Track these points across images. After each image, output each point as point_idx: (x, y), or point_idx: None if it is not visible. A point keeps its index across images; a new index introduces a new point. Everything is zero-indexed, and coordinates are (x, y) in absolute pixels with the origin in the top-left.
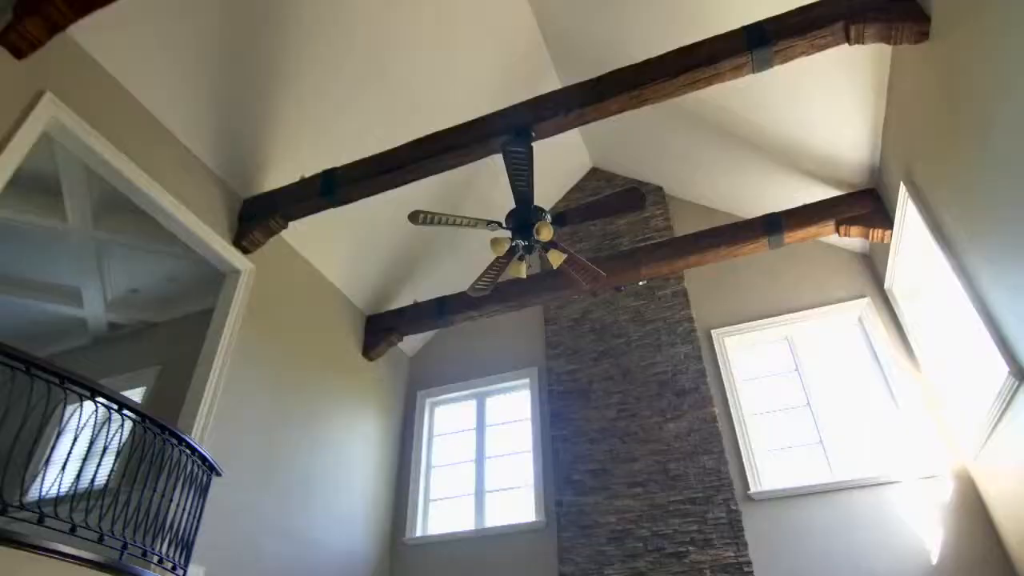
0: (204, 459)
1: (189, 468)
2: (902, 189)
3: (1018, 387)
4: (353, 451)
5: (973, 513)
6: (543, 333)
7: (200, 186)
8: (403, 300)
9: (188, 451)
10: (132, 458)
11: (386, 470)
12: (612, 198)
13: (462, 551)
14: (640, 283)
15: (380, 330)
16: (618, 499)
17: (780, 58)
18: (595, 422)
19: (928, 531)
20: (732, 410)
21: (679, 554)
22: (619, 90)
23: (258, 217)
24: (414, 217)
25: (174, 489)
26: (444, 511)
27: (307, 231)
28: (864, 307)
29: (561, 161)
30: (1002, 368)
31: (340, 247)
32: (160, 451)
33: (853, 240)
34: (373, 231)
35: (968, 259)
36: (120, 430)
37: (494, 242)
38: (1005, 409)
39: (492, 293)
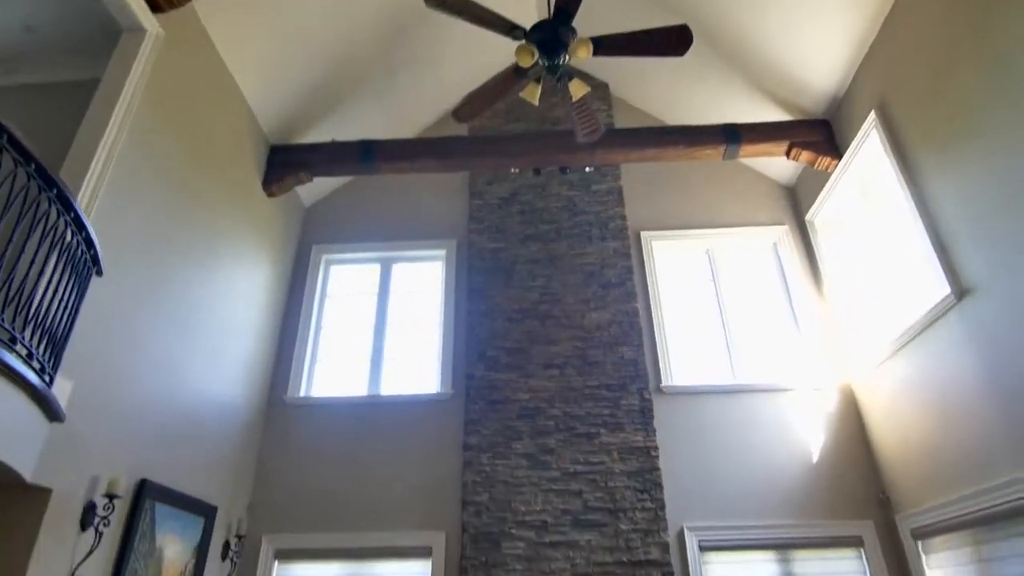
0: (90, 242)
1: (73, 249)
2: (871, 116)
3: (954, 305)
4: (240, 292)
5: (850, 422)
6: (467, 206)
7: None
8: (315, 136)
9: (75, 226)
10: (5, 214)
11: (271, 322)
12: (659, 34)
13: (353, 415)
14: (587, 169)
15: (286, 163)
16: (533, 379)
17: None
18: (516, 302)
19: (812, 434)
20: (652, 308)
21: (590, 434)
22: None
23: None
24: None
25: (54, 270)
26: (335, 374)
27: (224, 19)
28: (781, 234)
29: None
30: (942, 288)
31: (258, 50)
32: (44, 217)
33: (781, 171)
34: (299, 45)
35: (930, 188)
36: None
37: (520, 51)
38: (928, 326)
39: (433, 146)
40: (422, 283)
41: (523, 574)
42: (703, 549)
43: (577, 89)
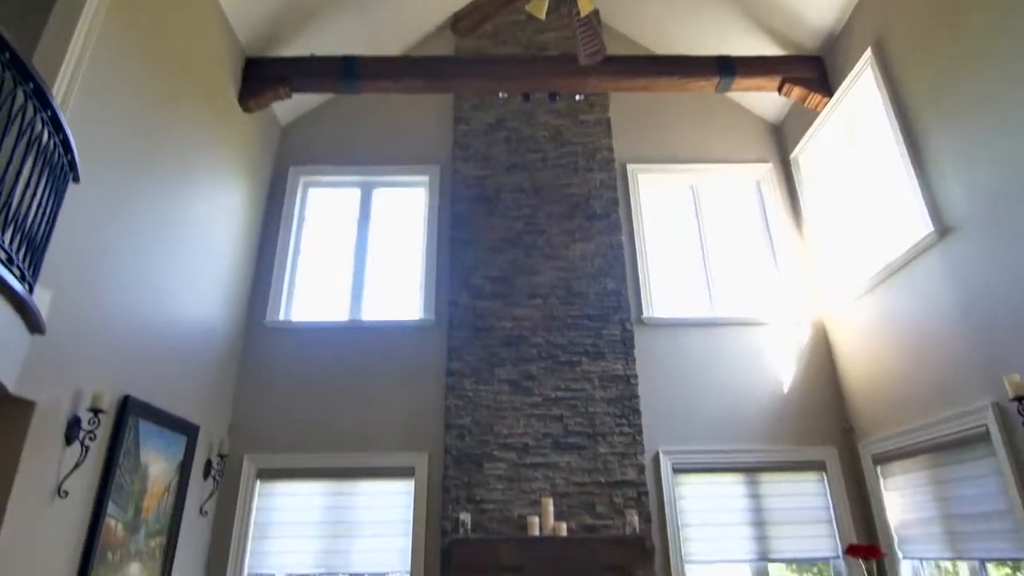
0: (68, 145)
1: (50, 151)
2: (867, 54)
3: (935, 243)
4: (216, 210)
5: (821, 355)
6: (451, 132)
7: None
8: (295, 49)
9: (52, 126)
10: None
11: (248, 243)
12: None
13: (334, 340)
14: (577, 97)
15: (264, 77)
16: (516, 307)
17: None
18: (500, 231)
19: (784, 366)
20: (636, 241)
21: (572, 363)
22: None
23: None
24: None
25: (31, 172)
26: (315, 299)
27: None
28: (765, 172)
29: None
30: (925, 226)
31: None
32: (20, 112)
33: (769, 108)
34: None
35: (922, 128)
36: None
37: None
38: (908, 262)
39: (420, 65)
40: (404, 209)
41: (504, 493)
42: (676, 471)
43: (585, 5)
